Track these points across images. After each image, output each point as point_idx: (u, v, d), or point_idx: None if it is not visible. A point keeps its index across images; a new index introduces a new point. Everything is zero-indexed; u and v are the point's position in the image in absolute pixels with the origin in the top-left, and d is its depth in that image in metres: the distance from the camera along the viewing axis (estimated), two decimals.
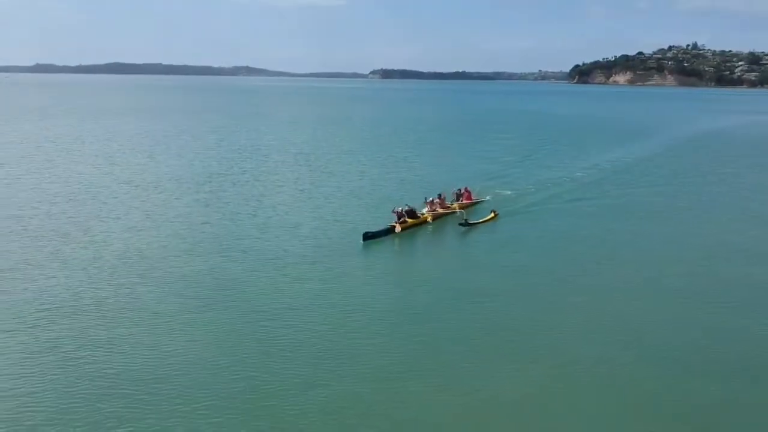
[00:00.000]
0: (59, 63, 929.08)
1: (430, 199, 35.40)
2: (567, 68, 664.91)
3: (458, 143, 76.34)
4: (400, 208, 32.65)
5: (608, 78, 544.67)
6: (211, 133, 79.00)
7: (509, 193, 42.79)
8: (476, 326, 20.45)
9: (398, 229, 31.59)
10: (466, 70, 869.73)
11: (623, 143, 76.57)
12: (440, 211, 35.26)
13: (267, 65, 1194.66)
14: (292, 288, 23.34)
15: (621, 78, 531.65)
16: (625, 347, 19.02)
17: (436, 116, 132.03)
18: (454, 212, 35.50)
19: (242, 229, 31.73)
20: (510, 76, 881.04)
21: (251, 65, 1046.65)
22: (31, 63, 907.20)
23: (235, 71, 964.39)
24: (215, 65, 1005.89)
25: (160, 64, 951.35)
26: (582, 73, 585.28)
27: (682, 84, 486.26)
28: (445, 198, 36.70)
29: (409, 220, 32.54)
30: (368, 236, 29.74)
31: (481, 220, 34.45)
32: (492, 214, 35.38)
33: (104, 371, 16.91)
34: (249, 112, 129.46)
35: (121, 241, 28.78)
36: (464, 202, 38.15)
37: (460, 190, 38.91)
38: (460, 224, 33.24)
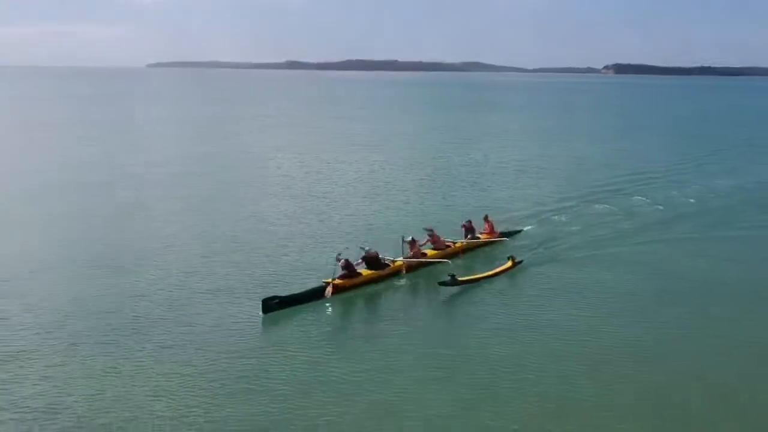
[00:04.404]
0: (303, 60, 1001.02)
1: (409, 238, 23.80)
2: None
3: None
4: (344, 259, 21.78)
5: None
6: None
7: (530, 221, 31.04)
8: None
9: (329, 292, 20.70)
10: (711, 65, 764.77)
11: None
12: (429, 255, 24.32)
13: (495, 60, 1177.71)
14: None
15: None
16: None
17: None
18: (445, 260, 23.98)
19: None
20: (766, 72, 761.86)
21: (480, 60, 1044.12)
22: (282, 60, 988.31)
23: (465, 67, 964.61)
24: (446, 61, 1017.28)
25: (396, 61, 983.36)
26: None
27: None
28: (436, 236, 25.15)
29: (365, 272, 22.24)
30: (274, 305, 19.39)
31: (480, 276, 22.92)
32: (509, 263, 23.96)
33: None
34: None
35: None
36: (480, 238, 26.77)
37: (469, 222, 26.89)
38: (441, 283, 21.90)
